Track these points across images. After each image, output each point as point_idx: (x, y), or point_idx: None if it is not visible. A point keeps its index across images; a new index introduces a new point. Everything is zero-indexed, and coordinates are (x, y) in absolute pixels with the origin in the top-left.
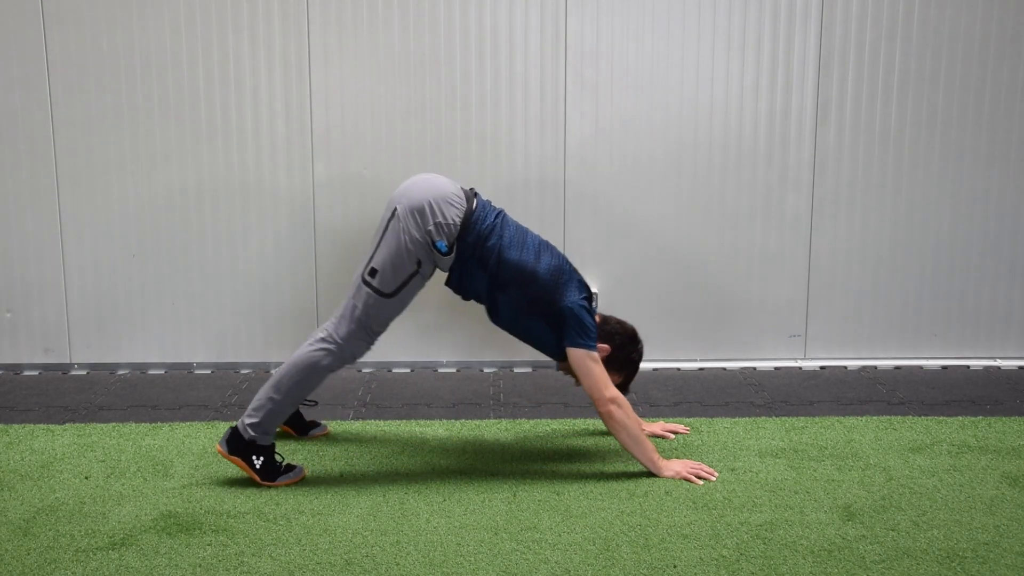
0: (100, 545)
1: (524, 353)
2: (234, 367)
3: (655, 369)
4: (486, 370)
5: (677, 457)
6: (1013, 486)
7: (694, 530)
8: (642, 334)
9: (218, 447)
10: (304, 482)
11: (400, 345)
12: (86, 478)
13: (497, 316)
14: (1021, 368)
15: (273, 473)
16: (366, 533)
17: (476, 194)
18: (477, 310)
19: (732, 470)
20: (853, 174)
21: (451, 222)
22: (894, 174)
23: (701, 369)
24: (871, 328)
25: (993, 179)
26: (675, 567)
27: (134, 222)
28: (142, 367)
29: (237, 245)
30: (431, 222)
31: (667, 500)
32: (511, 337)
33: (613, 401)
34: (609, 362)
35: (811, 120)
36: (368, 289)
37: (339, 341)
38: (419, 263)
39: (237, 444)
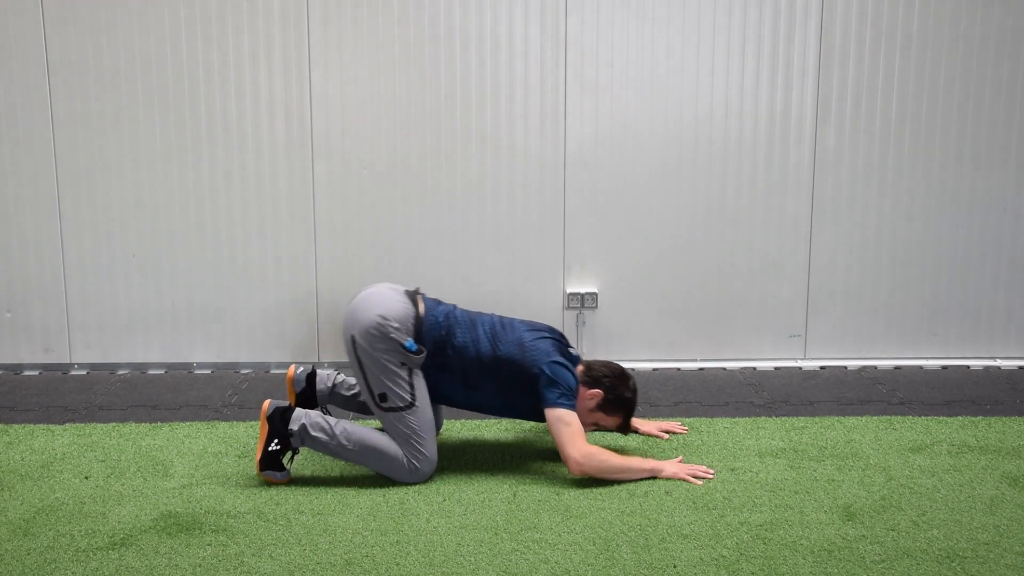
0: (100, 545)
1: None
2: (234, 367)
3: (655, 369)
4: None
5: (677, 457)
6: (1013, 486)
7: (694, 530)
8: (642, 334)
9: (267, 402)
10: (304, 482)
11: None
12: (86, 478)
13: (482, 408)
14: (1021, 368)
15: (271, 464)
16: (366, 533)
17: (422, 296)
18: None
19: (732, 470)
20: (853, 174)
21: (407, 326)
22: (894, 174)
23: (701, 369)
24: (871, 328)
25: (993, 179)
26: (675, 567)
27: (134, 222)
28: (142, 367)
29: (237, 245)
30: (391, 331)
31: (667, 500)
32: None
33: (583, 458)
34: (604, 407)
35: (811, 120)
36: (392, 413)
37: (414, 463)
38: (403, 364)
39: (278, 421)
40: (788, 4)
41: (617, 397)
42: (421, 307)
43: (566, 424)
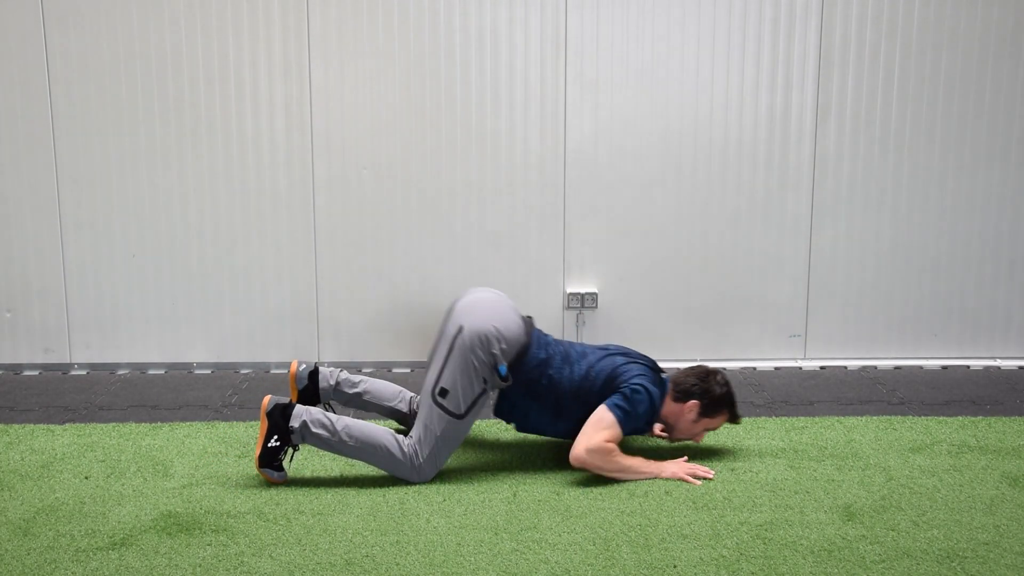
0: (100, 545)
1: None
2: (234, 367)
3: None
4: None
5: (678, 457)
6: (1013, 486)
7: (694, 530)
8: (642, 334)
9: (267, 398)
10: (304, 482)
11: (399, 344)
12: (86, 478)
13: (566, 434)
14: (1021, 368)
15: (269, 461)
16: (366, 533)
17: (534, 326)
18: None
19: (732, 470)
20: (853, 174)
21: (512, 351)
22: (894, 174)
23: None
24: (871, 328)
25: (993, 179)
26: (675, 567)
27: (134, 222)
28: (142, 367)
29: (237, 245)
30: (496, 347)
31: (667, 500)
32: None
33: (587, 453)
34: (705, 412)
35: (811, 120)
36: (440, 410)
37: (420, 461)
38: (485, 381)
39: (278, 417)
40: (788, 4)
41: (712, 399)
42: (532, 337)
43: (605, 427)
